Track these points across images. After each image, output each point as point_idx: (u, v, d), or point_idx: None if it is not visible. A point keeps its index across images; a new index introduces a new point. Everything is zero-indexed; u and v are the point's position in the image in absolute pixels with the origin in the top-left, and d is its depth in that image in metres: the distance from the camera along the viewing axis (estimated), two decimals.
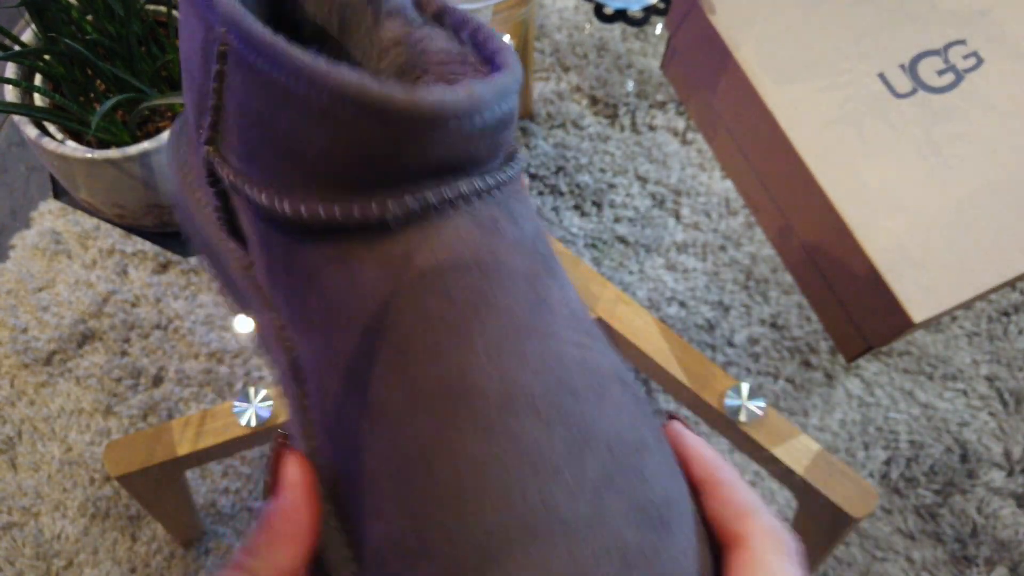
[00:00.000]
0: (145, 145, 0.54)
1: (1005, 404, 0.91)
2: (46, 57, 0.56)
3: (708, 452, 0.26)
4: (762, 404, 0.61)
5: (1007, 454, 0.88)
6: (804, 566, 0.24)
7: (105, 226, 1.00)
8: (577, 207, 1.02)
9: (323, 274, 0.22)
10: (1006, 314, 0.95)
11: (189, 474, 0.86)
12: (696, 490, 0.26)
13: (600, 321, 0.69)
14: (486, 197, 0.22)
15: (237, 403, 0.65)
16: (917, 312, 0.52)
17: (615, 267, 1.00)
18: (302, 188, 0.21)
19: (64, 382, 0.95)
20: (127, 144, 0.55)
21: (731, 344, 0.92)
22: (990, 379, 0.92)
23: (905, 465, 0.85)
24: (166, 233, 0.66)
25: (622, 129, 1.05)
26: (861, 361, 0.91)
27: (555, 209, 1.02)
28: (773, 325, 0.93)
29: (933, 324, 0.84)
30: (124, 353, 0.95)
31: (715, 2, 0.60)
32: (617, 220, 1.01)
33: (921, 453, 0.86)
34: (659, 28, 1.11)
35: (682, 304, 0.97)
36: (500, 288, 0.22)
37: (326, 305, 0.22)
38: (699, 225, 1.00)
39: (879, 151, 0.56)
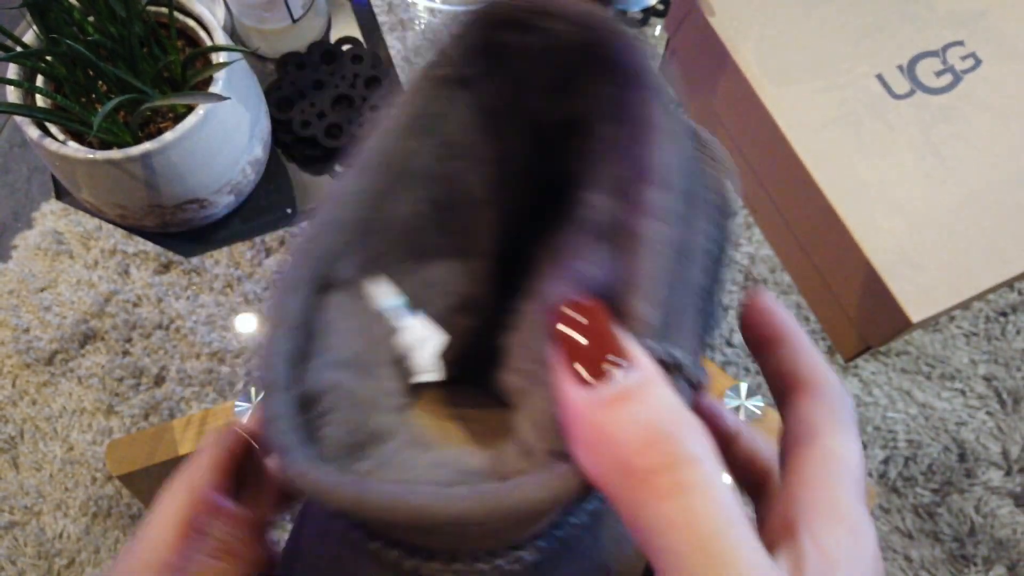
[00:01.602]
0: (147, 146, 0.54)
1: (1003, 404, 0.91)
2: (48, 58, 0.56)
3: (790, 317, 0.26)
4: (761, 404, 0.61)
5: (1005, 453, 0.89)
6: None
7: (107, 226, 1.01)
8: None
9: None
10: (1004, 314, 0.95)
11: None
12: (767, 341, 0.25)
13: None
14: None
15: (239, 403, 0.65)
16: (915, 312, 0.52)
17: None
18: None
19: (66, 382, 0.95)
20: (129, 145, 0.55)
21: (730, 344, 0.93)
22: (988, 379, 0.92)
23: (903, 464, 0.86)
24: (168, 233, 0.66)
25: None
26: (859, 360, 0.92)
27: None
28: None
29: (931, 324, 0.84)
30: (126, 353, 0.96)
31: (714, 4, 0.60)
32: None
33: (919, 452, 0.87)
34: (658, 30, 1.12)
35: None
36: None
37: None
38: None
39: (877, 151, 0.56)
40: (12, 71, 0.57)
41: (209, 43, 0.59)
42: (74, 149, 0.55)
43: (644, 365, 0.19)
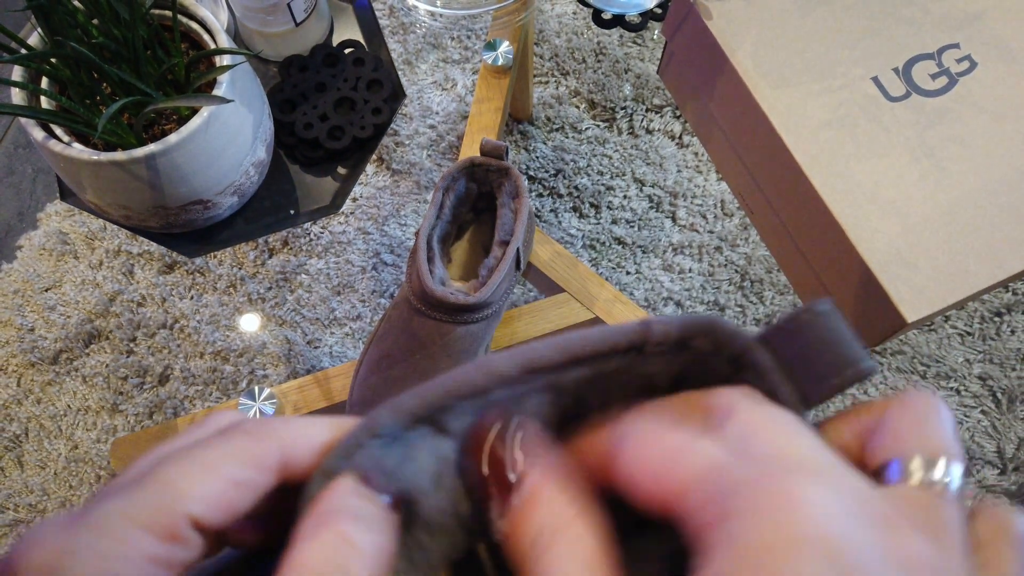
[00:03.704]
0: (151, 148, 0.55)
1: (998, 403, 0.92)
2: (52, 60, 0.56)
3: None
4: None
5: (1000, 452, 0.89)
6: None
7: (111, 227, 1.01)
8: (575, 209, 1.03)
9: None
10: (999, 314, 0.95)
11: None
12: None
13: (597, 321, 0.69)
14: None
15: (242, 401, 0.65)
16: (910, 312, 0.52)
17: (613, 268, 1.01)
18: None
19: (71, 381, 0.96)
20: (133, 147, 0.56)
21: None
22: (983, 378, 0.93)
23: None
24: (172, 234, 0.66)
25: (620, 132, 1.06)
26: None
27: (554, 211, 1.03)
28: (768, 325, 0.94)
29: (926, 324, 0.85)
30: (130, 352, 0.96)
31: (711, 7, 0.60)
32: (615, 222, 1.02)
33: None
34: (656, 33, 1.12)
35: (678, 304, 0.98)
36: None
37: None
38: (695, 227, 1.01)
39: (873, 154, 0.56)
40: (17, 73, 0.57)
41: (213, 46, 0.60)
42: (79, 151, 0.55)
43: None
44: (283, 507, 0.26)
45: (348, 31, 0.76)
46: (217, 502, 0.22)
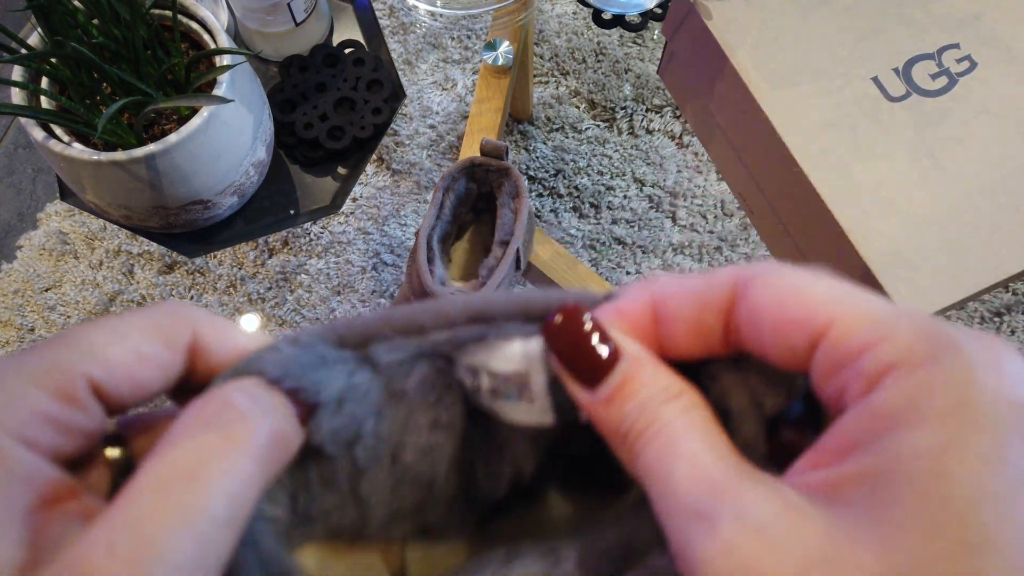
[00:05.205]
0: (151, 147, 0.55)
1: None
2: (52, 60, 0.56)
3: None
4: None
5: None
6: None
7: (111, 227, 1.01)
8: (575, 209, 1.03)
9: None
10: (999, 314, 0.96)
11: None
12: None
13: None
14: None
15: None
16: None
17: (612, 268, 1.01)
18: None
19: None
20: (133, 147, 0.56)
21: None
22: None
23: None
24: (172, 234, 0.66)
25: (620, 133, 1.06)
26: None
27: (554, 211, 1.03)
28: None
29: None
30: None
31: (711, 7, 0.60)
32: (615, 222, 1.02)
33: None
34: (656, 33, 1.12)
35: None
36: None
37: None
38: (695, 227, 1.01)
39: (873, 154, 0.56)
40: (17, 73, 0.57)
41: (213, 46, 0.60)
42: (79, 151, 0.55)
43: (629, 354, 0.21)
44: None
45: (348, 31, 0.76)
46: (120, 370, 0.21)
